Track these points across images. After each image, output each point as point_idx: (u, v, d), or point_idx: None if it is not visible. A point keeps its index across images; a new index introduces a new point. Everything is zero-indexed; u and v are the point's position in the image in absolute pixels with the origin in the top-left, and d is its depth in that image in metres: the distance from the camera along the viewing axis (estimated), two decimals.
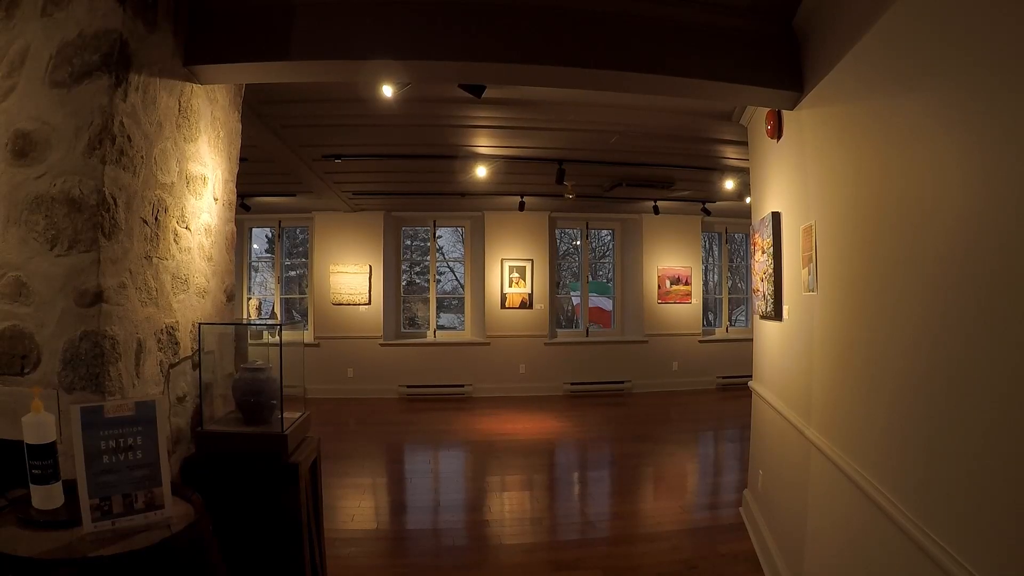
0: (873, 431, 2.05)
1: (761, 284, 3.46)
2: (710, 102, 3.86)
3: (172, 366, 2.62)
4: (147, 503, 1.80)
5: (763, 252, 3.38)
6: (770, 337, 3.48)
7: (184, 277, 2.74)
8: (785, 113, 3.08)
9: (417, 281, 12.20)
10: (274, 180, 6.81)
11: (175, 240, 2.67)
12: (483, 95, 3.56)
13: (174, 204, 2.65)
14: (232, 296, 3.31)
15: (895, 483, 1.88)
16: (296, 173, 6.21)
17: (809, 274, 2.62)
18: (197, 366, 2.83)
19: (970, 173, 1.50)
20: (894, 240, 1.91)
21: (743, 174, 6.03)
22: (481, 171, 5.61)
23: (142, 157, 2.39)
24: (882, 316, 1.99)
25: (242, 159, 6.01)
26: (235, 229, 3.40)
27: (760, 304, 3.53)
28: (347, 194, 7.48)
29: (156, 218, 2.50)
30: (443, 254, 12.68)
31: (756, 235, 3.59)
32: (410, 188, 7.29)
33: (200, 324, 2.76)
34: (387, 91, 3.28)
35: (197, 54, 2.72)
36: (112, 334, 2.19)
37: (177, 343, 2.66)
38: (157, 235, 2.51)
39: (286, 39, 2.67)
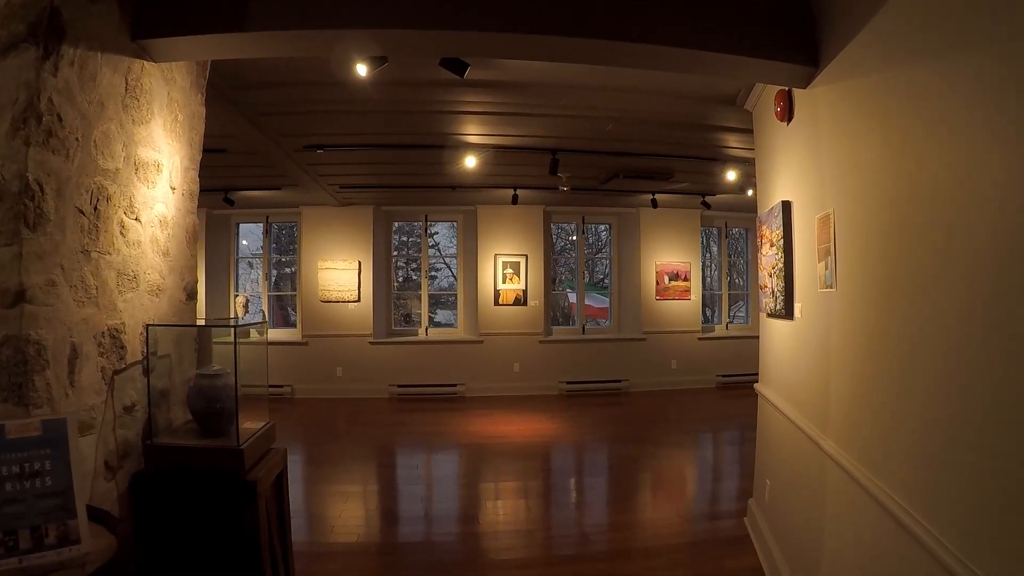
0: (904, 447, 1.79)
1: (769, 280, 3.19)
2: (714, 80, 3.58)
3: (117, 372, 2.36)
4: (60, 537, 1.54)
5: (771, 245, 3.12)
6: (779, 337, 3.22)
7: (132, 274, 2.48)
8: (796, 93, 2.82)
9: (414, 278, 11.97)
10: (257, 173, 6.53)
11: (121, 232, 2.40)
12: (468, 75, 3.29)
13: (119, 193, 2.38)
14: (194, 294, 3.04)
15: (931, 509, 1.63)
16: (279, 165, 5.93)
17: (826, 268, 2.36)
18: (148, 372, 2.56)
19: (1016, 155, 1.26)
20: (930, 229, 1.66)
21: (746, 165, 5.77)
22: (471, 161, 5.33)
23: (77, 139, 2.12)
24: (916, 315, 1.73)
25: (221, 150, 5.78)
26: (197, 221, 3.13)
27: (768, 301, 3.27)
28: (334, 187, 7.20)
29: (96, 208, 2.23)
30: (439, 250, 12.44)
31: (763, 227, 3.33)
32: (399, 181, 7.01)
33: (148, 326, 2.48)
34: (361, 70, 3.00)
35: (147, 27, 2.45)
36: (38, 338, 1.92)
37: (123, 347, 2.39)
38: (97, 227, 2.23)
39: (243, 7, 2.40)
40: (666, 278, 8.94)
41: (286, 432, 6.77)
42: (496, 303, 8.64)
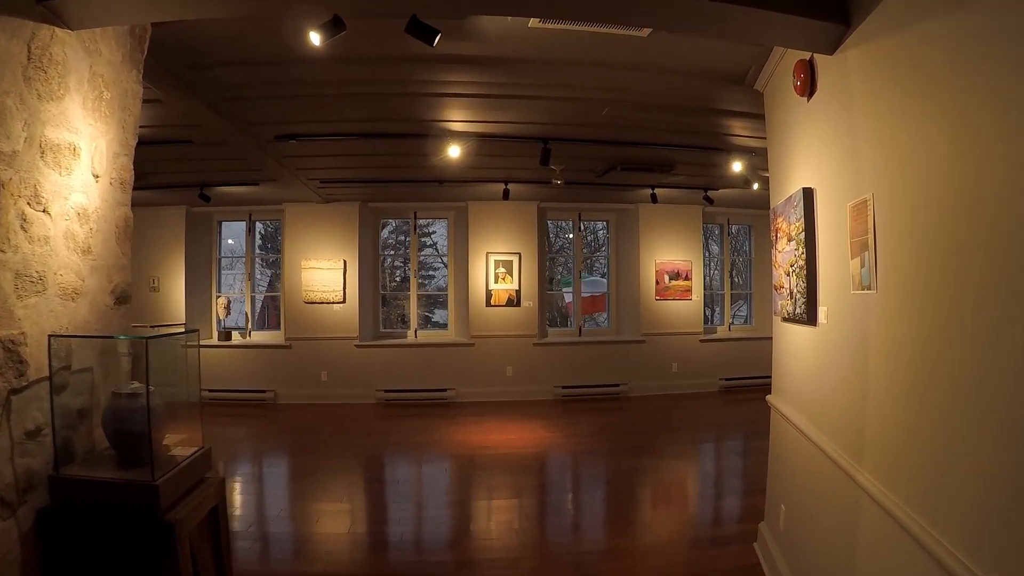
0: (969, 490, 1.42)
1: (786, 280, 2.80)
2: (721, 52, 3.15)
3: (14, 392, 1.97)
4: None
5: (789, 240, 2.73)
6: (798, 345, 2.82)
7: (37, 275, 2.09)
8: (820, 62, 2.43)
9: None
10: (230, 167, 6.14)
11: (22, 227, 2.02)
12: (445, 49, 2.91)
13: (19, 180, 2.00)
14: (125, 298, 2.65)
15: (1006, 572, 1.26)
16: (252, 158, 5.54)
17: (862, 266, 1.98)
18: (60, 389, 2.18)
19: None
20: (1007, 215, 1.27)
21: (753, 155, 5.38)
22: (454, 151, 4.92)
23: None
24: (985, 326, 1.35)
25: (186, 141, 5.38)
26: (131, 215, 2.74)
27: (784, 304, 2.88)
28: (314, 182, 6.80)
29: None
30: (436, 249, 12.13)
31: (779, 219, 2.94)
32: (382, 175, 6.61)
33: (52, 336, 2.09)
34: (315, 39, 2.61)
35: None
36: None
37: (23, 361, 2.00)
38: None
39: None
40: (666, 277, 8.55)
41: (265, 441, 6.40)
42: (488, 304, 8.24)
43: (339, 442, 6.22)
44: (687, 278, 8.61)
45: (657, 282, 8.53)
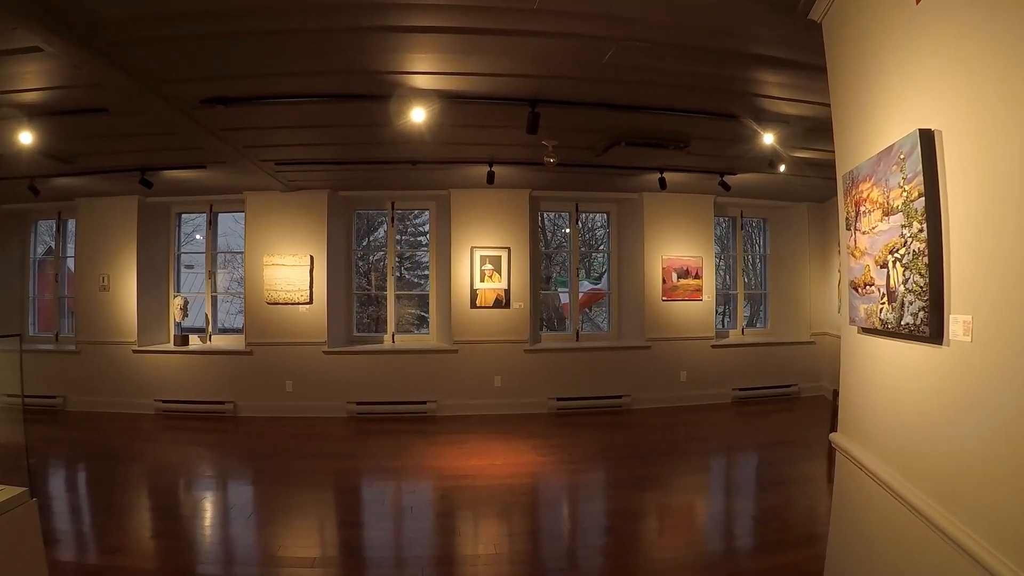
0: None
1: (881, 273, 1.90)
2: None
3: None
4: None
5: (887, 213, 1.84)
6: (899, 371, 1.91)
7: None
8: None
9: (407, 276, 10.75)
10: (166, 144, 5.21)
11: None
12: None
13: None
14: None
15: None
16: (185, 132, 4.63)
17: None
18: None
19: None
20: None
21: (787, 125, 4.46)
22: (419, 114, 3.99)
23: None
24: None
25: (102, 110, 4.47)
26: None
27: (874, 308, 1.98)
28: (269, 164, 5.87)
29: None
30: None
31: (864, 184, 2.04)
32: (348, 155, 5.68)
33: None
34: None
35: None
36: None
37: None
38: None
39: None
40: (674, 275, 7.63)
41: (216, 464, 5.51)
42: (473, 305, 7.31)
43: (296, 468, 5.30)
44: (697, 276, 7.69)
45: (664, 280, 7.62)
